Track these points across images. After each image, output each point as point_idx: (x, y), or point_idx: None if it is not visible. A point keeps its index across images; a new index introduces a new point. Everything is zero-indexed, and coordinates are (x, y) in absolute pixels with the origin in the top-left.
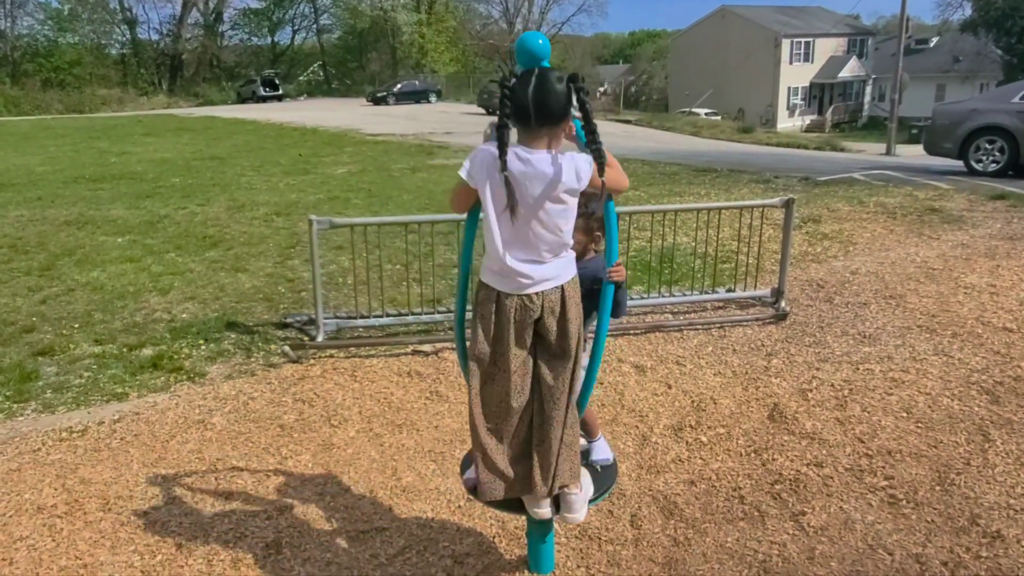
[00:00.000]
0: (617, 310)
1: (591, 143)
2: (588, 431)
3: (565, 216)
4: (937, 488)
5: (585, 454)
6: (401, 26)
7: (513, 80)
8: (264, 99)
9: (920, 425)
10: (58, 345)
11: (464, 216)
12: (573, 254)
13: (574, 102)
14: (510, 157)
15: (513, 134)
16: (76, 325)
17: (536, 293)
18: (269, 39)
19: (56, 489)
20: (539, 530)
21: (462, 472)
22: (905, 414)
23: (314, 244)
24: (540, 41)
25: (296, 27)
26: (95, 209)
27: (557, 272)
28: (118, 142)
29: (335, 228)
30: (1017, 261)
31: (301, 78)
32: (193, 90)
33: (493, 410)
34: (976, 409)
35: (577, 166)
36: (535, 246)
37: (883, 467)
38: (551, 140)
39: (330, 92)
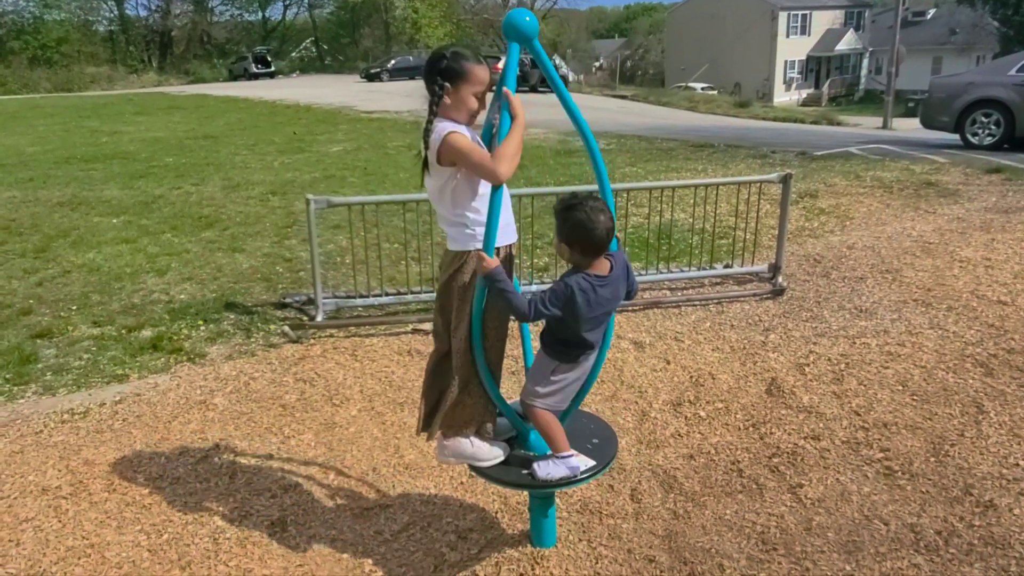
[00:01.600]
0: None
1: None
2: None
3: (438, 189)
4: (932, 459)
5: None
6: (394, 1)
7: None
8: (256, 76)
9: (915, 398)
10: (56, 327)
11: None
12: (462, 228)
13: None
14: None
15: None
16: (74, 307)
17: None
18: (260, 14)
19: (60, 470)
20: (541, 505)
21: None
22: (901, 387)
23: (312, 224)
24: (527, 18)
25: (287, 2)
26: (88, 190)
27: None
28: (109, 121)
29: (332, 207)
30: (1012, 234)
31: (293, 54)
32: (184, 67)
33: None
34: (971, 382)
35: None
36: None
37: (879, 439)
38: (450, 107)
39: (323, 69)
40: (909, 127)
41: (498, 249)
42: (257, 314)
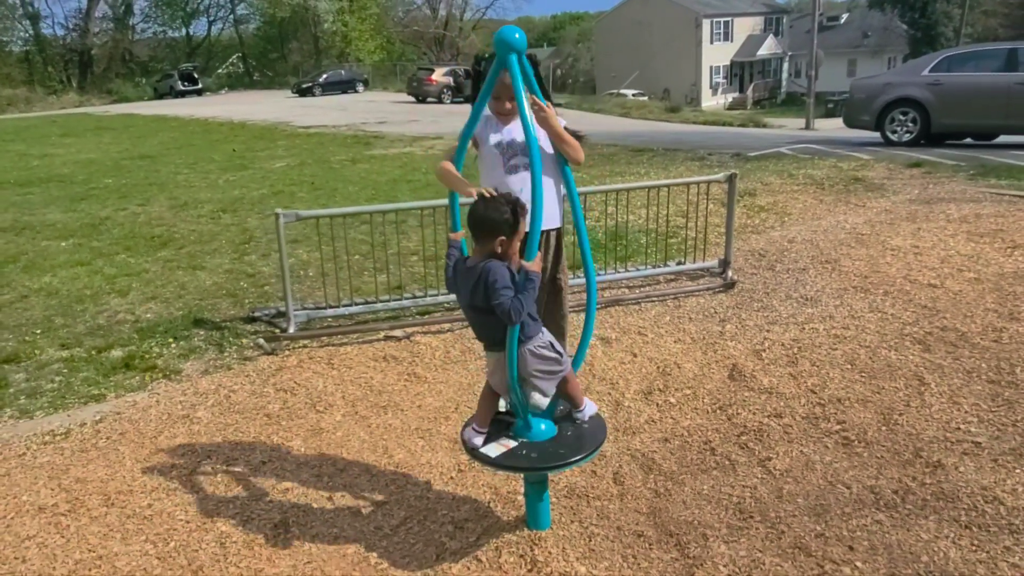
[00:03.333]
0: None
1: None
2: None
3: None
4: (883, 428)
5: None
6: (322, 15)
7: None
8: (183, 94)
9: (863, 375)
10: (23, 352)
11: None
12: None
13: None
14: None
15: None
16: (38, 331)
17: None
18: (184, 31)
19: (53, 489)
20: (536, 490)
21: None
22: (849, 366)
23: (282, 238)
24: (516, 35)
25: (212, 18)
26: (29, 214)
27: None
28: (35, 144)
29: (301, 220)
30: (935, 223)
31: (220, 71)
32: (106, 87)
33: None
34: (911, 358)
35: None
36: None
37: (835, 413)
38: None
39: (252, 85)
40: (830, 127)
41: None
42: (227, 329)
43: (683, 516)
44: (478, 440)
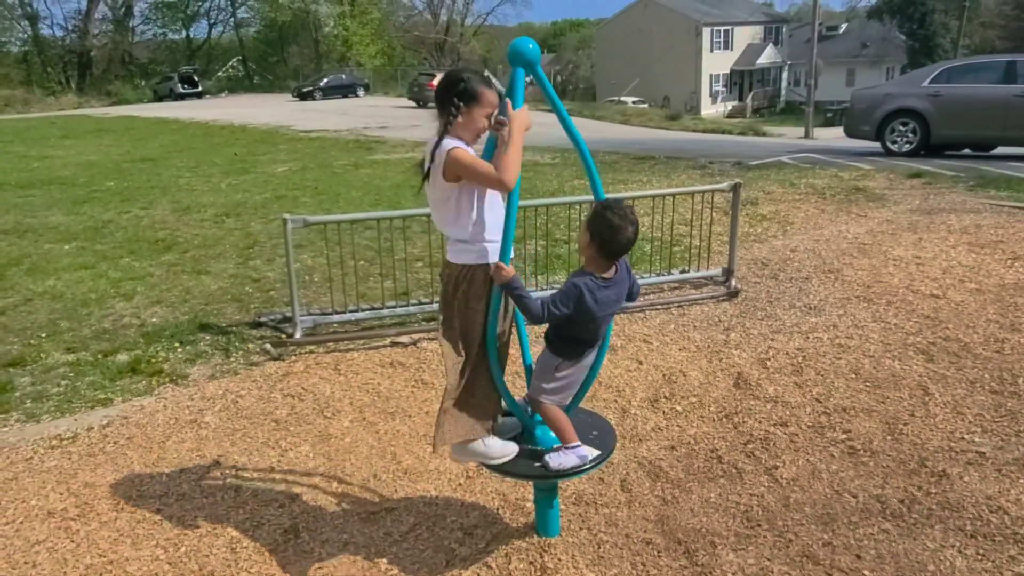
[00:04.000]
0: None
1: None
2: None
3: (442, 201)
4: (889, 438)
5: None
6: (323, 19)
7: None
8: (183, 96)
9: (868, 384)
10: (28, 355)
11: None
12: (465, 243)
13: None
14: None
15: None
16: (43, 335)
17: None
18: (184, 33)
19: (62, 494)
20: (546, 497)
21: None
22: (854, 375)
23: (289, 243)
24: (531, 46)
25: (212, 21)
26: (31, 217)
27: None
28: (35, 146)
29: (309, 226)
30: (936, 234)
31: (220, 74)
32: (105, 89)
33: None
34: (914, 367)
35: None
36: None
37: (840, 423)
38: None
39: (252, 88)
40: (830, 136)
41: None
42: (233, 334)
43: (691, 524)
44: (578, 455)
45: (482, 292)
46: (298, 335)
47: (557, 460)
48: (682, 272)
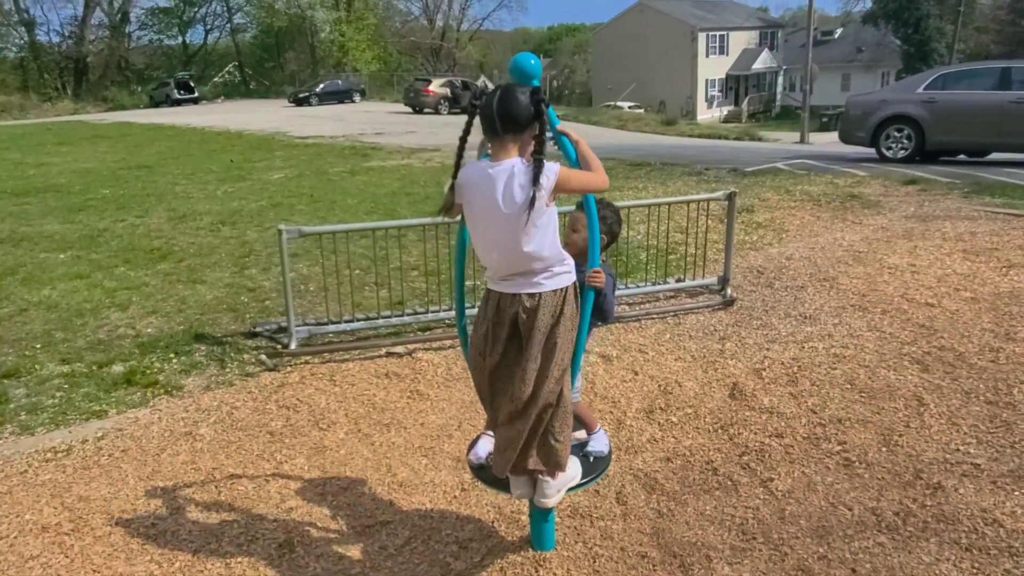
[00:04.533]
0: (603, 317)
1: (540, 156)
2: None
3: (545, 226)
4: (884, 449)
5: (582, 445)
6: (319, 24)
7: (483, 96)
8: (179, 102)
9: (863, 395)
10: (23, 366)
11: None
12: (561, 263)
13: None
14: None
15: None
16: (38, 345)
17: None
18: (180, 39)
19: (56, 508)
20: (541, 511)
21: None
22: (849, 386)
23: (284, 253)
24: (532, 61)
25: (209, 26)
26: (27, 225)
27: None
28: (31, 152)
29: (304, 237)
30: (931, 241)
31: (216, 79)
32: (101, 94)
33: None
34: (910, 378)
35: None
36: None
37: (836, 434)
38: (520, 148)
39: (248, 93)
40: (825, 141)
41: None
42: (229, 344)
43: (686, 537)
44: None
45: (576, 307)
46: (293, 345)
47: (597, 446)
48: (678, 281)
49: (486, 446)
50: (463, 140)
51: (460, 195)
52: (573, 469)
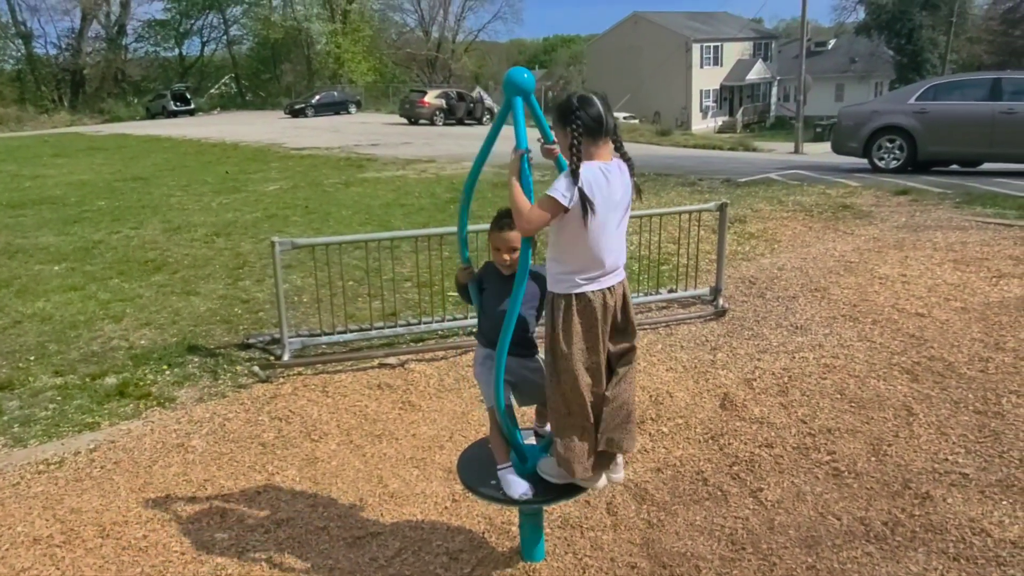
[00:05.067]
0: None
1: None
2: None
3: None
4: (873, 459)
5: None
6: (315, 36)
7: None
8: (175, 114)
9: (853, 405)
10: (16, 379)
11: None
12: None
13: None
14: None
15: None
16: (32, 357)
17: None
18: (177, 51)
19: (48, 520)
20: (531, 522)
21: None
22: (839, 396)
23: (277, 265)
24: (525, 75)
25: (205, 39)
26: (22, 237)
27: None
28: (27, 164)
29: (297, 248)
30: (922, 251)
31: (213, 91)
32: (98, 106)
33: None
34: (899, 387)
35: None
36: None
37: (825, 444)
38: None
39: (244, 105)
40: (819, 151)
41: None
42: (222, 356)
43: (676, 547)
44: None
45: None
46: (286, 357)
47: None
48: (670, 291)
49: (521, 482)
50: (578, 143)
51: (597, 197)
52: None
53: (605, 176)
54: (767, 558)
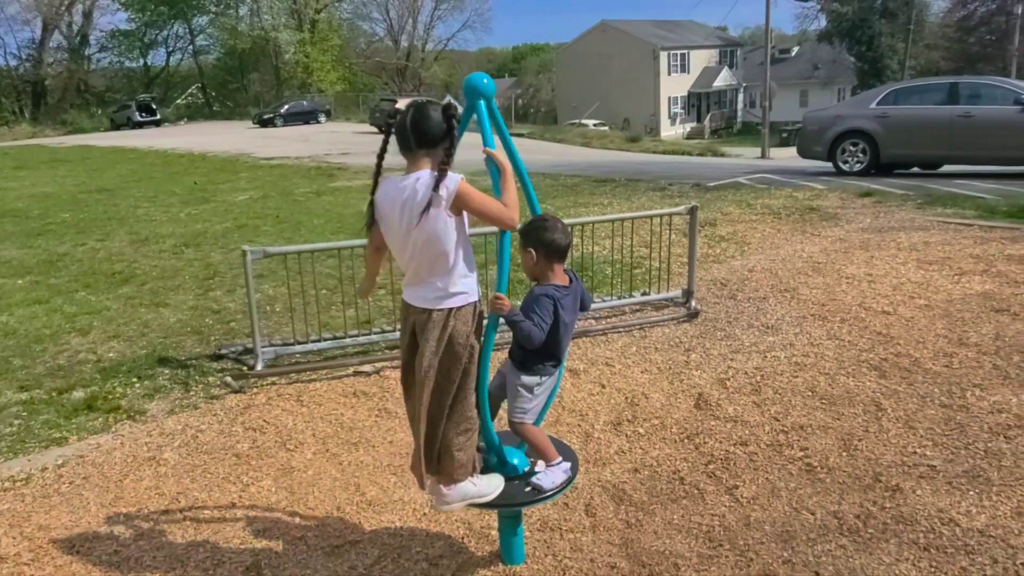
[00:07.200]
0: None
1: (445, 167)
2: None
3: (440, 239)
4: (844, 454)
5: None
6: (283, 46)
7: (397, 114)
8: (141, 125)
9: (824, 401)
10: None
11: None
12: (453, 283)
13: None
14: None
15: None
16: None
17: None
18: (142, 61)
19: (14, 538)
20: (510, 524)
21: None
22: (810, 393)
23: (249, 274)
24: (485, 80)
25: (171, 48)
26: None
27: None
28: None
29: (269, 257)
30: (887, 251)
31: (179, 101)
32: (60, 118)
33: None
34: (868, 384)
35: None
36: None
37: (798, 440)
38: (433, 163)
39: (212, 115)
40: (785, 156)
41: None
42: (193, 367)
43: (655, 546)
44: (563, 470)
45: (472, 330)
46: (259, 367)
47: (549, 479)
48: (643, 294)
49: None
50: (380, 157)
51: (377, 211)
52: (483, 484)
53: (392, 190)
54: (744, 554)
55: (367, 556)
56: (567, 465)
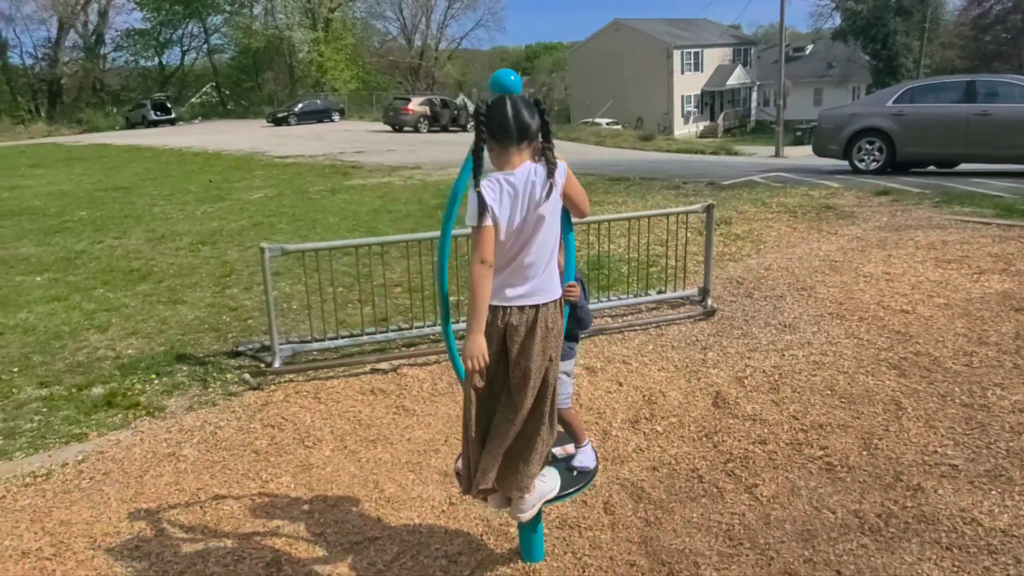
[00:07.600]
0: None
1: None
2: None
3: (555, 225)
4: (864, 453)
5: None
6: (297, 45)
7: (484, 107)
8: (156, 123)
9: (843, 400)
10: (0, 391)
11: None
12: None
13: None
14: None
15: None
16: (15, 369)
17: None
18: (157, 60)
19: (36, 533)
20: (529, 522)
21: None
22: (829, 392)
23: (267, 271)
24: (512, 77)
25: (186, 47)
26: (2, 248)
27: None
28: (4, 175)
29: (286, 255)
30: (904, 250)
31: (194, 100)
32: (76, 116)
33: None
34: (887, 383)
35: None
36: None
37: (817, 439)
38: (531, 154)
39: (226, 114)
40: (799, 154)
41: None
42: (211, 364)
43: (674, 544)
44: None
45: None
46: (277, 364)
47: (589, 458)
48: (659, 293)
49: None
50: (479, 153)
51: (494, 212)
52: (551, 479)
53: (507, 187)
54: (764, 552)
55: (386, 553)
56: (591, 446)
